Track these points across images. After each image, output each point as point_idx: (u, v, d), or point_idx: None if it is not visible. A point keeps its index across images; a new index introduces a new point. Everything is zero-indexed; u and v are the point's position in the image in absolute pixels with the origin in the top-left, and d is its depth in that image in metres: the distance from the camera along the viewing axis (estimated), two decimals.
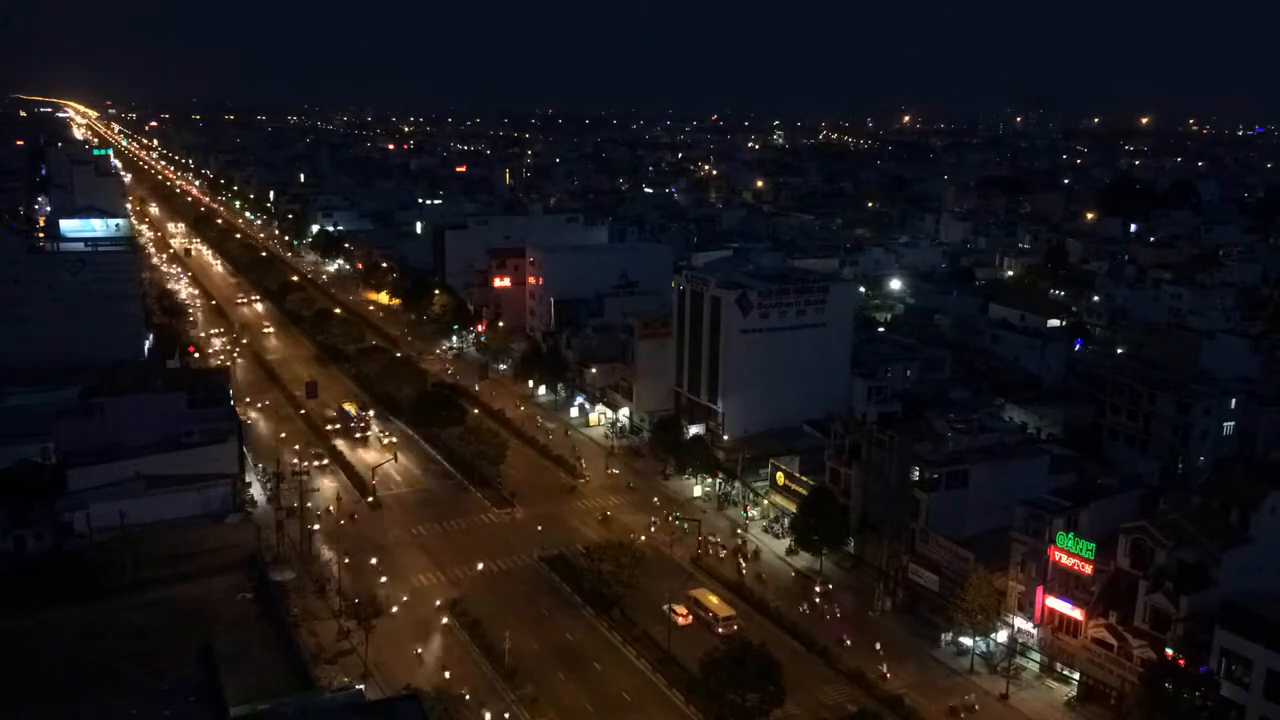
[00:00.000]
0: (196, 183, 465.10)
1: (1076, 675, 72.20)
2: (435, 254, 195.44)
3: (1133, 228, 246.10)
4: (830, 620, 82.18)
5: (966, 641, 76.62)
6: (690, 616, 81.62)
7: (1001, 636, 75.70)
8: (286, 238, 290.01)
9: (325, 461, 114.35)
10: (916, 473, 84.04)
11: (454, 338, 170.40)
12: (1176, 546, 67.94)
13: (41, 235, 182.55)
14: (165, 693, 56.72)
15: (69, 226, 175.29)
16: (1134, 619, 68.35)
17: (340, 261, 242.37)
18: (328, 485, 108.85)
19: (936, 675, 75.08)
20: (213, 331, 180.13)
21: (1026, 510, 75.50)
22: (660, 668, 74.63)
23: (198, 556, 79.10)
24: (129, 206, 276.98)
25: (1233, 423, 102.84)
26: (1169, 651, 65.73)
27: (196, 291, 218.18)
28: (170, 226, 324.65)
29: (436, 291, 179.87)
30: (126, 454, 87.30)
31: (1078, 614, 71.53)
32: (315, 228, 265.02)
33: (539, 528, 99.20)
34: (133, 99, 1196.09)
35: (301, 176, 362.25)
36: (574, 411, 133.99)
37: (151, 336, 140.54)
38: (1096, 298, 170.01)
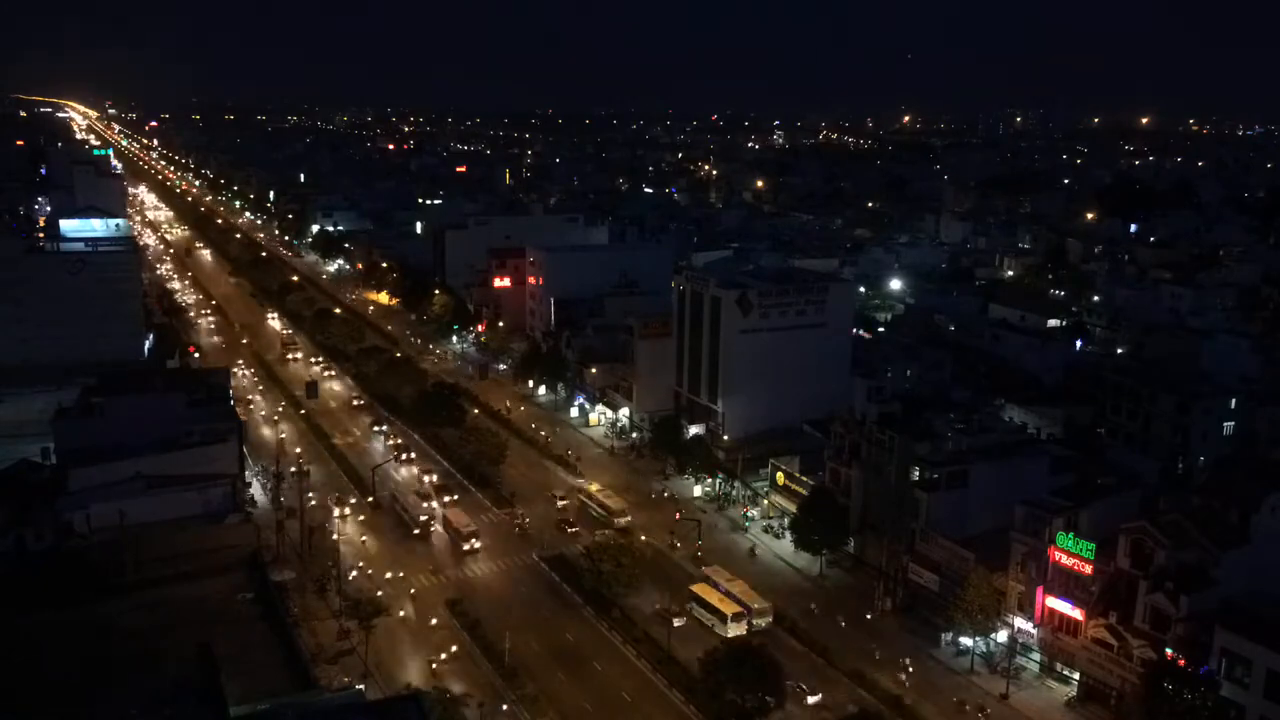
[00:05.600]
0: (197, 183, 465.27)
1: (1076, 675, 72.17)
2: (435, 254, 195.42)
3: (1133, 228, 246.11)
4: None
5: (966, 641, 76.60)
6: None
7: (1001, 636, 75.67)
8: (286, 238, 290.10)
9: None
10: (916, 473, 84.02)
11: (454, 338, 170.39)
12: (1176, 546, 67.90)
13: (41, 235, 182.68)
14: (165, 693, 56.65)
15: (69, 226, 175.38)
16: (1134, 619, 68.30)
17: (340, 261, 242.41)
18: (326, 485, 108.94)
19: (936, 675, 75.05)
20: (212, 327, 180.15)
21: (1026, 510, 75.48)
22: (660, 668, 74.61)
23: (198, 556, 78.90)
24: (128, 207, 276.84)
25: (1233, 423, 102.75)
26: (1169, 651, 65.68)
27: (185, 286, 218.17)
28: (170, 225, 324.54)
29: (436, 291, 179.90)
30: (126, 454, 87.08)
31: (1078, 614, 71.50)
32: (315, 228, 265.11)
33: (540, 528, 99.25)
34: (133, 99, 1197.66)
35: (301, 176, 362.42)
36: (574, 411, 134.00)
37: (151, 336, 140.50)
38: (1096, 298, 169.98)
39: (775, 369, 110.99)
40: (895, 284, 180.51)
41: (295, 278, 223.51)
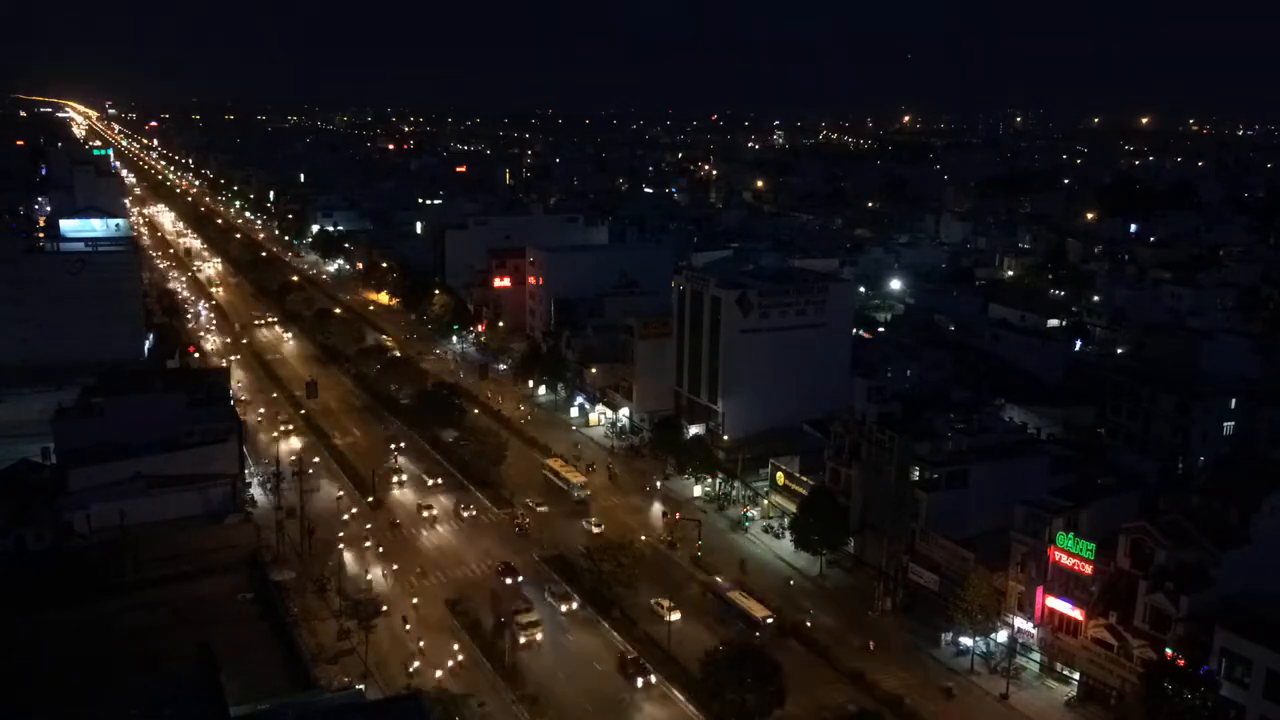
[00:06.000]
0: (197, 183, 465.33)
1: (1076, 675, 72.15)
2: (435, 254, 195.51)
3: (1133, 228, 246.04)
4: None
5: (966, 641, 76.55)
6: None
7: (1001, 636, 75.63)
8: (286, 238, 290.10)
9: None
10: (916, 473, 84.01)
11: (454, 338, 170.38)
12: (1176, 546, 67.91)
13: (41, 235, 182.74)
14: (165, 693, 56.62)
15: (69, 226, 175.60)
16: (1134, 619, 68.30)
17: (340, 261, 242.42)
18: (327, 486, 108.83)
19: (937, 675, 75.02)
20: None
21: (1026, 510, 75.45)
22: (660, 668, 74.60)
23: (198, 556, 78.99)
24: (129, 206, 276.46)
25: (1233, 423, 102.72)
26: (1169, 651, 65.68)
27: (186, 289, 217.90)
28: (170, 225, 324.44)
29: (436, 291, 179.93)
30: (126, 454, 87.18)
31: (1078, 614, 71.49)
32: (315, 228, 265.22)
33: (539, 528, 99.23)
34: (133, 99, 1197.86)
35: (301, 176, 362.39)
36: (574, 411, 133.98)
37: (151, 336, 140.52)
38: (1096, 298, 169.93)
39: (775, 369, 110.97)
40: (895, 284, 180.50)
41: (295, 278, 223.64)
